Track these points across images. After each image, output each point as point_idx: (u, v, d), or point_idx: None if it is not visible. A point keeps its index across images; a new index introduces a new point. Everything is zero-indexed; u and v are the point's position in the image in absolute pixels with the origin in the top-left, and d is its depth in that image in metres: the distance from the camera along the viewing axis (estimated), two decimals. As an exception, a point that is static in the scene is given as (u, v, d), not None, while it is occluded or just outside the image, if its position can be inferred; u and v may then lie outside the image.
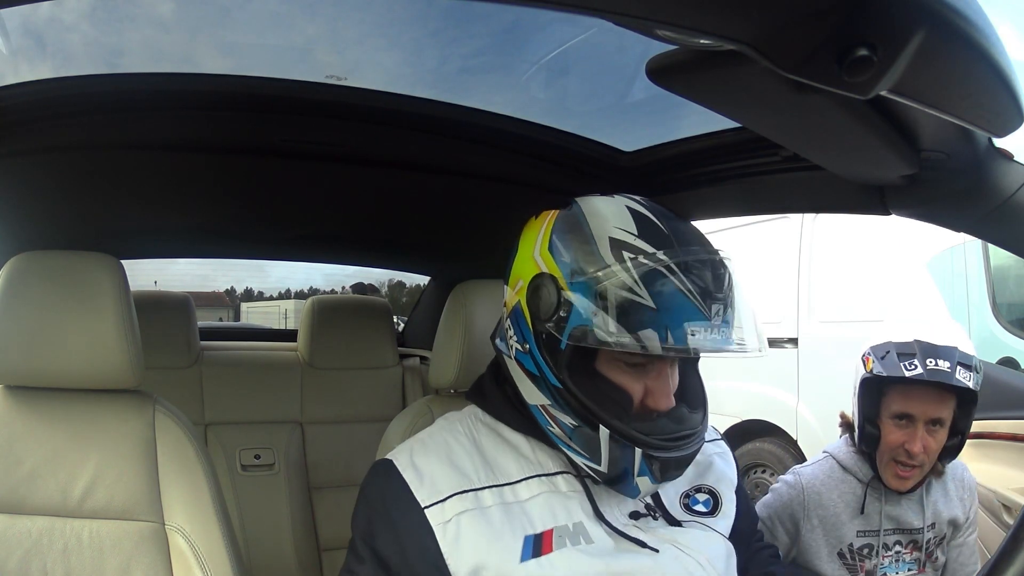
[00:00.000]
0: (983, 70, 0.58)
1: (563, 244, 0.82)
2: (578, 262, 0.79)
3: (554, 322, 0.79)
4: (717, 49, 0.60)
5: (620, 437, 0.79)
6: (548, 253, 0.82)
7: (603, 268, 0.77)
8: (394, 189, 1.54)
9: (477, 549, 0.80)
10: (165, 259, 2.52)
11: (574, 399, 0.80)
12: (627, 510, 0.87)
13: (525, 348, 0.83)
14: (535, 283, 0.82)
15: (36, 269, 1.02)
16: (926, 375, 1.23)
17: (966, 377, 1.23)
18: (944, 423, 1.29)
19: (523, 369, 0.85)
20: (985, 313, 3.17)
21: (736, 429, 4.05)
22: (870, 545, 1.36)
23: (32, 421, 1.01)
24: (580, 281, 0.78)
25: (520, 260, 0.87)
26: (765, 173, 1.13)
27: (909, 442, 1.27)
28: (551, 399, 0.82)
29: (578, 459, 0.83)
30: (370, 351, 2.09)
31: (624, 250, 0.78)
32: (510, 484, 0.85)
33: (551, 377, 0.81)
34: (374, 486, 0.87)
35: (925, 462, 1.29)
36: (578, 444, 0.82)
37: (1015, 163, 0.87)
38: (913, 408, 1.28)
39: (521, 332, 0.84)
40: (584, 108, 1.39)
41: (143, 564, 0.99)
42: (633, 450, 0.79)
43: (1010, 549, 0.89)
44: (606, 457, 0.80)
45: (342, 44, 1.23)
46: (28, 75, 1.08)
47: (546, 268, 0.82)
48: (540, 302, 0.81)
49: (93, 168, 1.33)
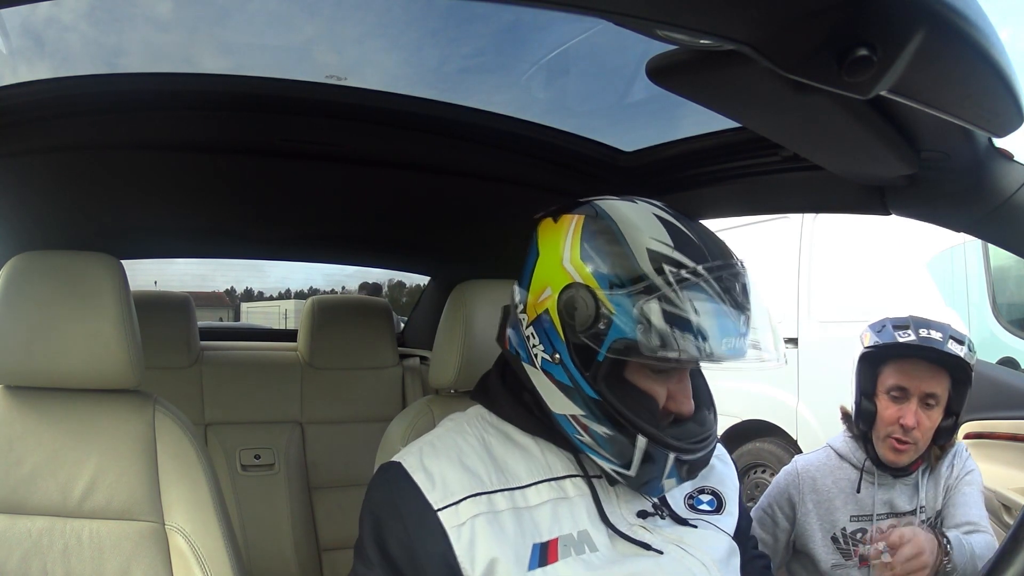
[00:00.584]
0: (983, 70, 0.58)
1: (597, 253, 0.81)
2: (617, 274, 0.79)
3: (592, 334, 0.78)
4: (717, 49, 0.60)
5: (657, 444, 0.80)
6: (581, 262, 0.81)
7: (644, 282, 0.77)
8: (394, 189, 1.54)
9: (491, 553, 0.79)
10: (165, 259, 2.51)
11: (613, 410, 0.79)
12: (635, 508, 0.87)
13: (555, 359, 0.82)
14: (568, 293, 0.80)
15: (36, 269, 1.02)
16: (918, 341, 1.30)
17: (958, 349, 1.29)
18: (939, 400, 1.33)
19: (552, 380, 0.83)
20: (985, 313, 3.17)
21: (736, 429, 4.05)
22: (864, 530, 1.38)
23: (32, 421, 1.01)
24: (621, 294, 0.77)
25: (546, 266, 0.84)
26: (765, 173, 1.13)
27: (904, 416, 1.31)
28: (585, 410, 0.81)
29: (606, 465, 0.83)
30: (370, 351, 2.09)
31: (664, 263, 0.78)
32: (520, 488, 0.84)
33: (587, 389, 0.80)
34: (383, 489, 0.86)
35: (919, 439, 1.32)
36: (609, 452, 0.82)
37: (1015, 163, 0.87)
38: (907, 381, 1.33)
39: (551, 342, 0.82)
40: (584, 108, 1.39)
41: (143, 564, 0.99)
42: (667, 455, 0.80)
43: (1010, 549, 0.89)
44: (638, 463, 0.80)
45: (342, 44, 1.23)
46: (28, 75, 1.08)
47: (580, 278, 0.80)
48: (576, 312, 0.79)
49: (93, 168, 1.33)
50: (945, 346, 1.29)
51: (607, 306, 0.77)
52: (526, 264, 0.88)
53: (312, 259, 2.62)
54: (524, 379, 0.87)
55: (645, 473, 0.81)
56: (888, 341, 1.34)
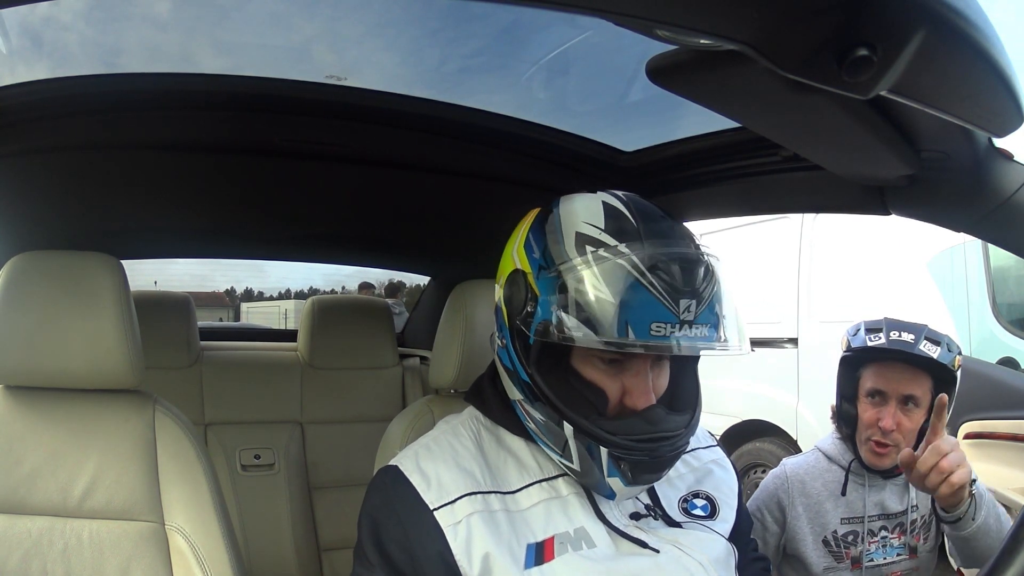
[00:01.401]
0: (983, 70, 0.58)
1: (535, 240, 0.83)
2: (545, 257, 0.80)
3: (523, 317, 0.80)
4: (717, 49, 0.60)
5: (583, 434, 0.78)
6: (523, 250, 0.84)
7: (565, 262, 0.78)
8: (394, 189, 1.54)
9: (487, 551, 0.80)
10: (165, 259, 2.51)
11: (541, 394, 0.80)
12: (627, 511, 0.87)
13: (503, 343, 0.86)
14: (511, 279, 0.84)
15: (36, 269, 1.02)
16: (887, 344, 1.29)
17: (931, 350, 1.27)
18: (918, 402, 1.31)
19: (502, 364, 0.87)
20: (985, 313, 3.18)
21: (736, 429, 4.05)
22: (855, 532, 1.38)
23: (32, 421, 1.01)
24: (545, 276, 0.79)
25: (504, 258, 0.89)
26: (765, 173, 1.13)
27: (882, 419, 1.30)
28: (523, 394, 0.83)
29: (554, 456, 0.84)
30: (370, 351, 2.09)
31: (587, 244, 0.77)
32: (511, 493, 0.85)
33: (521, 372, 0.82)
34: (380, 492, 0.86)
35: (900, 441, 1.31)
36: (549, 440, 0.83)
37: (1015, 163, 0.87)
38: (884, 384, 1.32)
39: (500, 329, 0.87)
40: (584, 108, 1.39)
41: (143, 564, 0.99)
42: (599, 449, 0.78)
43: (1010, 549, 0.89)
44: (575, 455, 0.80)
45: (341, 44, 1.22)
46: (28, 75, 1.08)
47: (520, 264, 0.84)
48: (513, 298, 0.83)
49: (93, 168, 1.33)
50: (915, 348, 1.27)
51: (534, 289, 0.80)
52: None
53: (312, 259, 2.62)
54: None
55: (586, 468, 0.80)
56: (858, 346, 1.34)
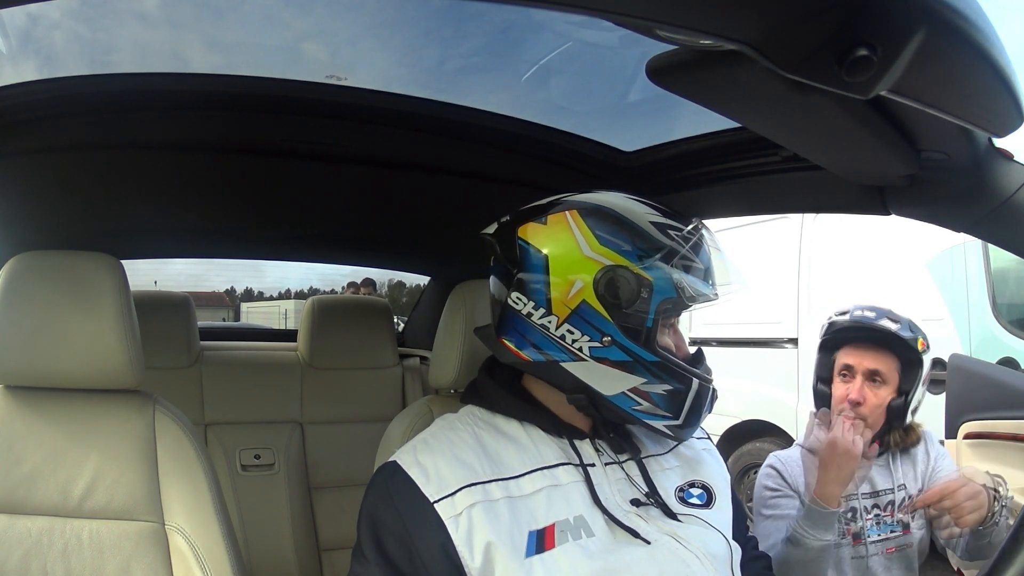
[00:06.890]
0: (983, 70, 0.58)
1: (614, 236, 0.87)
2: (640, 248, 0.87)
3: (638, 305, 0.86)
4: (717, 49, 0.60)
5: (704, 383, 0.90)
6: (603, 247, 0.86)
7: (664, 249, 0.87)
8: (394, 189, 1.54)
9: (488, 542, 0.80)
10: (165, 259, 2.52)
11: (672, 364, 0.88)
12: (628, 496, 0.89)
13: (606, 342, 0.86)
14: (606, 277, 0.86)
15: (36, 269, 1.02)
16: (849, 320, 1.45)
17: (892, 326, 1.40)
18: (884, 377, 1.42)
19: (608, 363, 0.87)
20: (985, 313, 3.18)
21: (736, 429, 4.06)
22: (853, 508, 1.43)
23: (32, 421, 1.01)
24: (652, 263, 0.86)
25: (564, 263, 0.87)
26: (765, 173, 1.13)
27: (850, 392, 1.42)
28: (646, 376, 0.87)
29: (657, 423, 0.89)
30: (370, 351, 2.09)
31: (668, 230, 0.89)
32: (514, 478, 0.86)
33: (646, 355, 0.87)
34: (379, 487, 0.87)
35: (867, 415, 1.40)
36: (665, 408, 0.88)
37: (1015, 163, 0.87)
38: (852, 359, 1.45)
39: (596, 328, 0.86)
40: (583, 108, 1.39)
41: (143, 564, 0.99)
42: (709, 389, 0.91)
43: (1010, 549, 0.89)
44: (688, 408, 0.89)
45: (338, 44, 1.23)
46: (27, 75, 1.08)
47: (610, 261, 0.86)
48: (619, 291, 0.86)
49: (92, 168, 1.33)
50: (876, 323, 1.41)
51: (645, 277, 0.86)
52: (526, 272, 0.88)
53: (312, 259, 2.62)
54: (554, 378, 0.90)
55: (692, 414, 0.90)
56: (826, 327, 1.49)
